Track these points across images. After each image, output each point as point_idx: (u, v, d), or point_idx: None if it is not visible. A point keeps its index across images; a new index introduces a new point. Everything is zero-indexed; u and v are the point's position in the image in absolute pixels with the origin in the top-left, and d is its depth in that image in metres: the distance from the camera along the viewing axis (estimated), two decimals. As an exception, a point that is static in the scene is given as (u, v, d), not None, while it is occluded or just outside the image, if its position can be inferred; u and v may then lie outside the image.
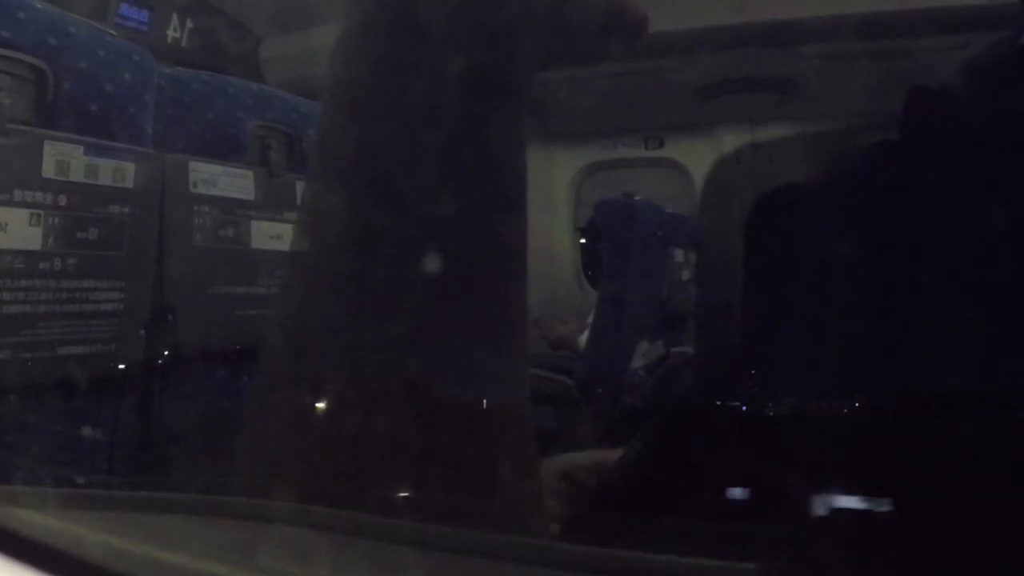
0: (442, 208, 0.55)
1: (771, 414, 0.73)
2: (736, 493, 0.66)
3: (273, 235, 1.31)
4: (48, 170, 1.00)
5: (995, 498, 0.51)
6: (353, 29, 0.59)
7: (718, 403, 0.80)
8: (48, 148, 1.00)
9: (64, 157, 1.02)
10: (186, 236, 1.21)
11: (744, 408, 0.76)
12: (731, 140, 2.39)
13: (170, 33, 2.58)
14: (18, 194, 0.98)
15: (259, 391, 0.65)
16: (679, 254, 2.23)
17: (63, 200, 1.02)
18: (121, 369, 1.13)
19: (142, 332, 1.15)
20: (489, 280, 0.58)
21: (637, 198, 2.34)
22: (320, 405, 0.57)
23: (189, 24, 2.62)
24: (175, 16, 2.58)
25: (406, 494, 0.54)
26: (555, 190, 2.96)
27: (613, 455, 0.90)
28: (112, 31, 1.27)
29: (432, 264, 0.54)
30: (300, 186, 1.35)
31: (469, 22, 0.55)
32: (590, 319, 2.31)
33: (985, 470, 0.53)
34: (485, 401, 0.57)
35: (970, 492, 0.52)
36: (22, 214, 0.98)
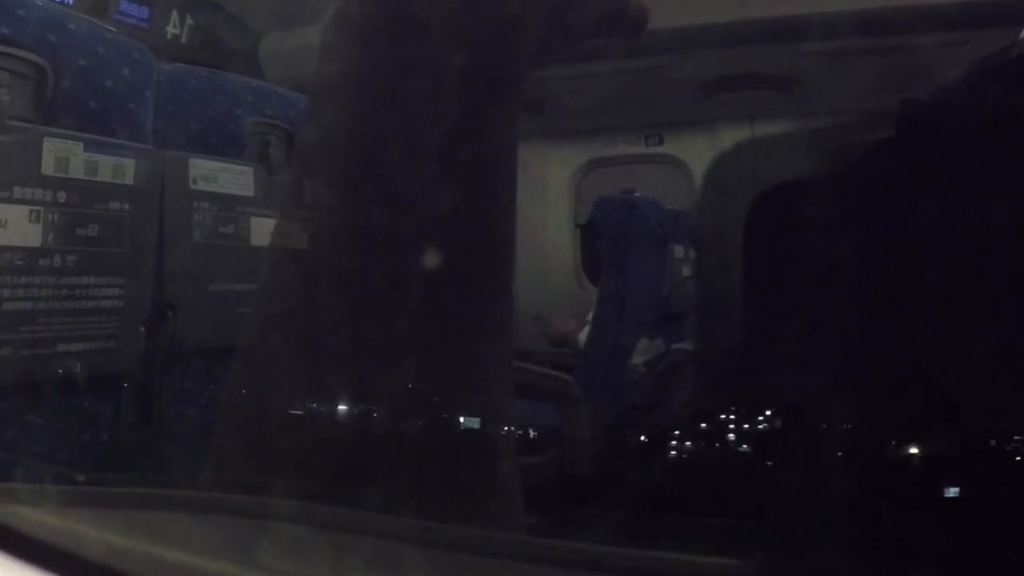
0: (430, 204, 0.55)
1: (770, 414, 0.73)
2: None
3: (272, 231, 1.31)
4: (48, 167, 1.00)
5: (994, 498, 0.51)
6: (341, 22, 0.59)
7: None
8: (48, 145, 1.00)
9: (64, 154, 1.02)
10: (186, 233, 1.21)
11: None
12: (731, 137, 2.39)
13: (170, 30, 2.58)
14: (18, 191, 0.97)
15: (240, 390, 0.66)
16: (679, 250, 2.23)
17: (63, 197, 1.02)
18: (121, 366, 1.13)
19: (142, 329, 1.15)
20: (476, 276, 0.59)
21: (637, 195, 2.34)
22: (300, 402, 0.57)
23: (189, 21, 2.61)
24: (175, 13, 2.58)
25: (399, 491, 0.54)
26: (555, 187, 2.96)
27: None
28: (112, 28, 1.27)
29: (418, 260, 0.54)
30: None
31: (462, 17, 0.55)
32: (590, 316, 2.31)
33: (984, 470, 0.53)
34: (470, 396, 0.57)
35: (970, 492, 0.52)
36: (22, 211, 0.98)
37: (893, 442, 0.59)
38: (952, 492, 0.53)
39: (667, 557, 0.48)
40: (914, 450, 0.58)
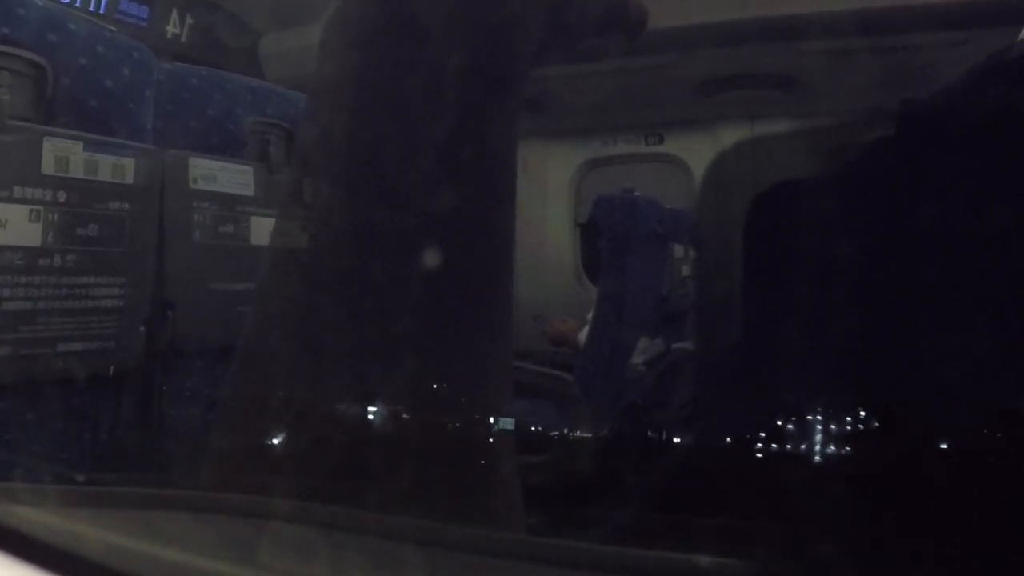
0: (430, 204, 0.55)
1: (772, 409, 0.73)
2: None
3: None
4: (48, 166, 1.00)
5: (995, 498, 0.51)
6: (340, 21, 0.59)
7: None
8: (48, 144, 1.00)
9: (64, 153, 1.02)
10: (186, 232, 1.21)
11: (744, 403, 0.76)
12: (731, 136, 2.39)
13: (170, 29, 2.58)
14: (18, 190, 0.98)
15: (241, 387, 0.66)
16: (679, 250, 2.23)
17: (63, 196, 1.02)
18: (121, 365, 1.13)
19: (142, 328, 1.15)
20: (476, 275, 0.59)
21: (637, 194, 2.34)
22: (299, 402, 0.57)
23: (189, 20, 2.62)
24: (175, 12, 2.58)
25: (399, 491, 0.54)
26: (555, 186, 2.95)
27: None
28: (112, 27, 1.28)
29: (418, 260, 0.54)
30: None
31: (462, 16, 0.55)
32: (590, 315, 2.31)
33: (985, 470, 0.53)
34: (470, 396, 0.57)
35: (970, 493, 0.52)
36: (22, 210, 0.98)
37: (893, 441, 0.59)
38: (953, 491, 0.53)
39: (667, 557, 0.48)
40: (915, 449, 0.58)
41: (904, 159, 0.63)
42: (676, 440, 0.84)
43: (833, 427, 0.63)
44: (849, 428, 0.62)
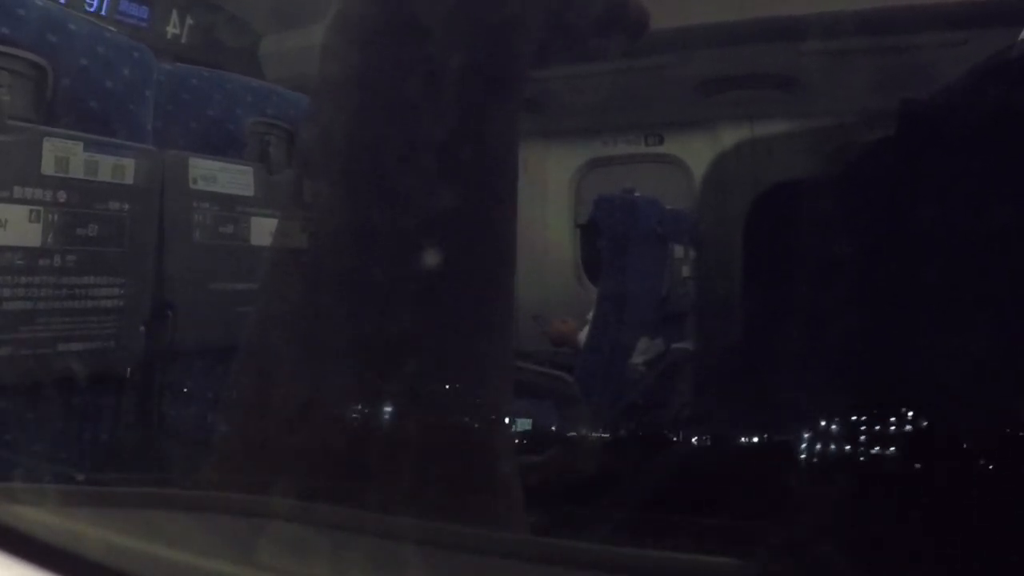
0: (432, 204, 0.56)
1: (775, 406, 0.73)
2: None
3: (273, 231, 1.31)
4: (48, 167, 1.00)
5: (996, 498, 0.51)
6: (341, 24, 0.59)
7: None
8: (48, 145, 1.00)
9: (64, 154, 1.02)
10: (186, 232, 1.21)
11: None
12: (731, 136, 2.39)
13: (170, 29, 2.58)
14: (18, 191, 0.97)
15: (244, 387, 0.66)
16: (679, 250, 2.23)
17: (63, 197, 1.02)
18: (121, 365, 1.13)
19: (142, 328, 1.15)
20: (476, 276, 0.59)
21: (637, 194, 2.34)
22: (300, 402, 0.57)
23: (189, 20, 2.62)
24: (175, 12, 2.58)
25: (399, 490, 0.54)
26: (555, 187, 2.95)
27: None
28: (112, 27, 1.28)
29: (420, 260, 0.55)
30: (300, 183, 1.35)
31: (463, 18, 0.55)
32: (590, 315, 2.31)
33: (985, 469, 0.53)
34: (471, 395, 0.58)
35: (970, 492, 0.52)
36: (22, 211, 0.98)
37: (893, 441, 0.59)
38: (953, 492, 0.53)
39: (667, 557, 0.48)
40: (914, 449, 0.58)
41: (904, 159, 0.63)
42: (676, 440, 0.84)
43: (832, 427, 0.63)
44: (848, 428, 0.62)
